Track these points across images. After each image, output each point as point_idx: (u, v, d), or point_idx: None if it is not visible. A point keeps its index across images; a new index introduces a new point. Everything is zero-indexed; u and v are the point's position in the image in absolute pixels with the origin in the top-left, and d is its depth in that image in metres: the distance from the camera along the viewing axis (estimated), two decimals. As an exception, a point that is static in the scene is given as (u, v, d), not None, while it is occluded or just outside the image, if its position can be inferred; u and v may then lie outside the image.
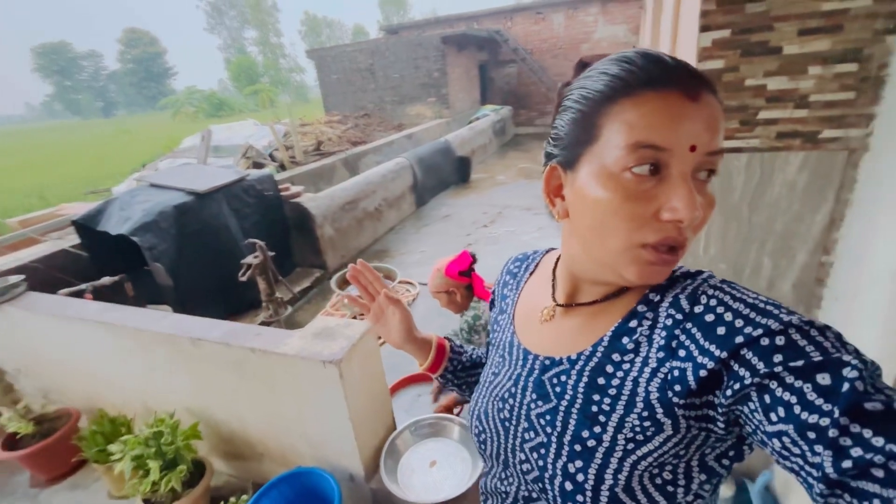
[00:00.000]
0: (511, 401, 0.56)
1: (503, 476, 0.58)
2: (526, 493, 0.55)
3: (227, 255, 3.41)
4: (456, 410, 2.23)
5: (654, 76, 0.40)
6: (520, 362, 0.57)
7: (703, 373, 0.40)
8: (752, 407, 0.37)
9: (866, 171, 1.02)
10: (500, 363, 0.61)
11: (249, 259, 2.72)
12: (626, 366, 0.46)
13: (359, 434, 1.65)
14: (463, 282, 2.00)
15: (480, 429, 0.60)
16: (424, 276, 4.11)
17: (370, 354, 1.72)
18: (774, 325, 0.37)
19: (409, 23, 14.74)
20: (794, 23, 0.98)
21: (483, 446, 0.59)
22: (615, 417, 0.46)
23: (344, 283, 3.83)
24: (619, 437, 0.45)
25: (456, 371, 0.76)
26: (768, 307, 0.39)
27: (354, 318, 2.83)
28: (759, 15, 1.00)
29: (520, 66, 12.32)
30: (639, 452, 0.44)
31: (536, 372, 0.54)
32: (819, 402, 0.34)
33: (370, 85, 10.86)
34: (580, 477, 0.46)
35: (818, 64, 0.99)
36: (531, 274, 0.65)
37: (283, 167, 5.60)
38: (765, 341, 0.37)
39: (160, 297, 3.12)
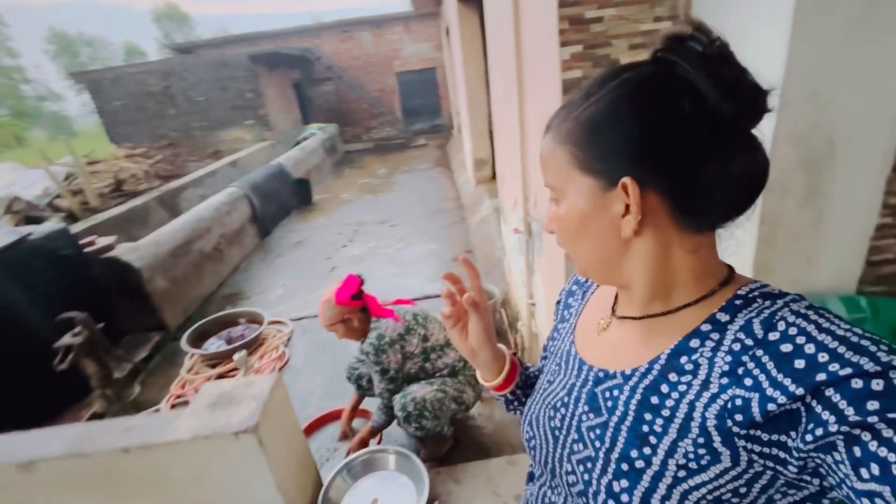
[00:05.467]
0: (563, 410, 0.55)
1: (552, 485, 0.58)
2: None
3: (18, 344, 2.56)
4: (375, 440, 2.12)
5: None
6: (574, 372, 0.56)
7: (771, 406, 0.36)
8: (838, 458, 0.33)
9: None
10: (555, 371, 0.60)
11: (67, 339, 2.10)
12: (682, 387, 0.43)
13: (289, 502, 1.44)
14: (356, 305, 1.93)
15: (531, 434, 0.59)
16: (294, 312, 3.77)
17: (283, 409, 1.52)
18: (870, 366, 0.33)
19: (205, 41, 13.16)
20: (624, 40, 1.24)
21: (532, 452, 0.59)
22: (667, 440, 0.43)
23: (198, 341, 3.25)
24: (670, 462, 0.42)
25: (522, 387, 0.71)
26: (863, 342, 0.35)
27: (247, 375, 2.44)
28: (600, 34, 1.23)
29: (337, 84, 12.24)
30: (691, 482, 0.41)
31: (590, 384, 0.53)
32: None
33: (169, 110, 9.41)
34: (624, 497, 0.44)
35: (644, 72, 1.26)
36: (598, 286, 0.63)
37: (72, 217, 4.43)
38: (857, 383, 0.33)
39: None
